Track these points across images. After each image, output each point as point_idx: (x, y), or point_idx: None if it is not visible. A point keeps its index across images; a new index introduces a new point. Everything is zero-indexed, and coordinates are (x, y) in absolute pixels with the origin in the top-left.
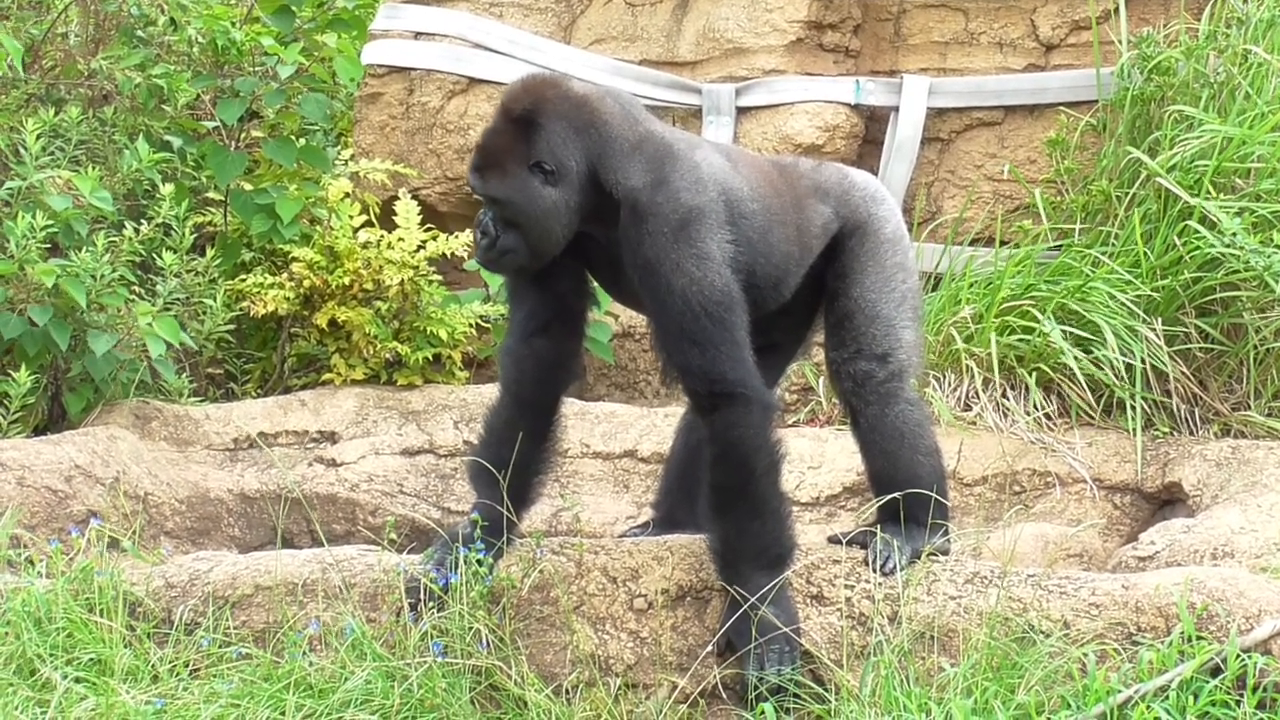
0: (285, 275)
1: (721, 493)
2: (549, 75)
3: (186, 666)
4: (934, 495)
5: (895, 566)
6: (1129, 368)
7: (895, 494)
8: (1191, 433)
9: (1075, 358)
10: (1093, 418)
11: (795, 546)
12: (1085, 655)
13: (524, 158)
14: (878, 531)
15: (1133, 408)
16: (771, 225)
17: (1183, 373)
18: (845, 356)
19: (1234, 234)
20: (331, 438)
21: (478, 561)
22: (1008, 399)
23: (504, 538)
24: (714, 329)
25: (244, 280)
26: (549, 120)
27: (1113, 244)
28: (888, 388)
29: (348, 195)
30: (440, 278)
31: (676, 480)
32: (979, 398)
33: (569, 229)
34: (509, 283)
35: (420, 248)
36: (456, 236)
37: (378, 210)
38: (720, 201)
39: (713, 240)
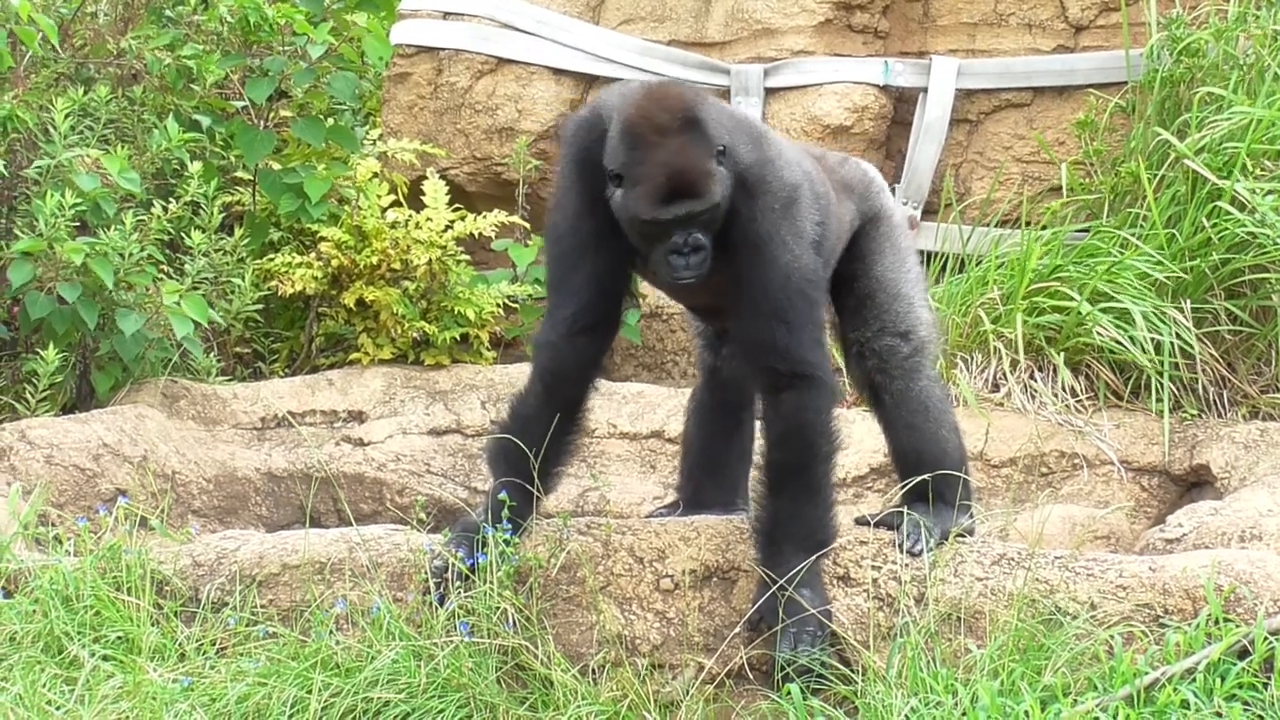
0: (313, 255)
1: (781, 471)
2: (649, 83)
3: (213, 645)
4: (961, 474)
5: (924, 549)
6: (1157, 349)
7: (924, 474)
8: (1219, 415)
9: (1105, 336)
10: (1120, 400)
11: (836, 535)
12: (1112, 637)
13: (710, 151)
14: (905, 513)
15: (1161, 389)
16: (830, 211)
17: (1211, 355)
18: (869, 334)
19: (1263, 215)
20: (359, 417)
21: (505, 541)
22: (1035, 380)
23: (531, 516)
24: (804, 309)
25: (272, 259)
26: (703, 109)
27: (1141, 226)
28: (912, 363)
29: (376, 175)
30: (468, 258)
31: (700, 461)
32: (1007, 379)
33: None
34: (561, 273)
35: (448, 228)
36: (484, 216)
37: (406, 190)
38: (807, 182)
39: (807, 220)
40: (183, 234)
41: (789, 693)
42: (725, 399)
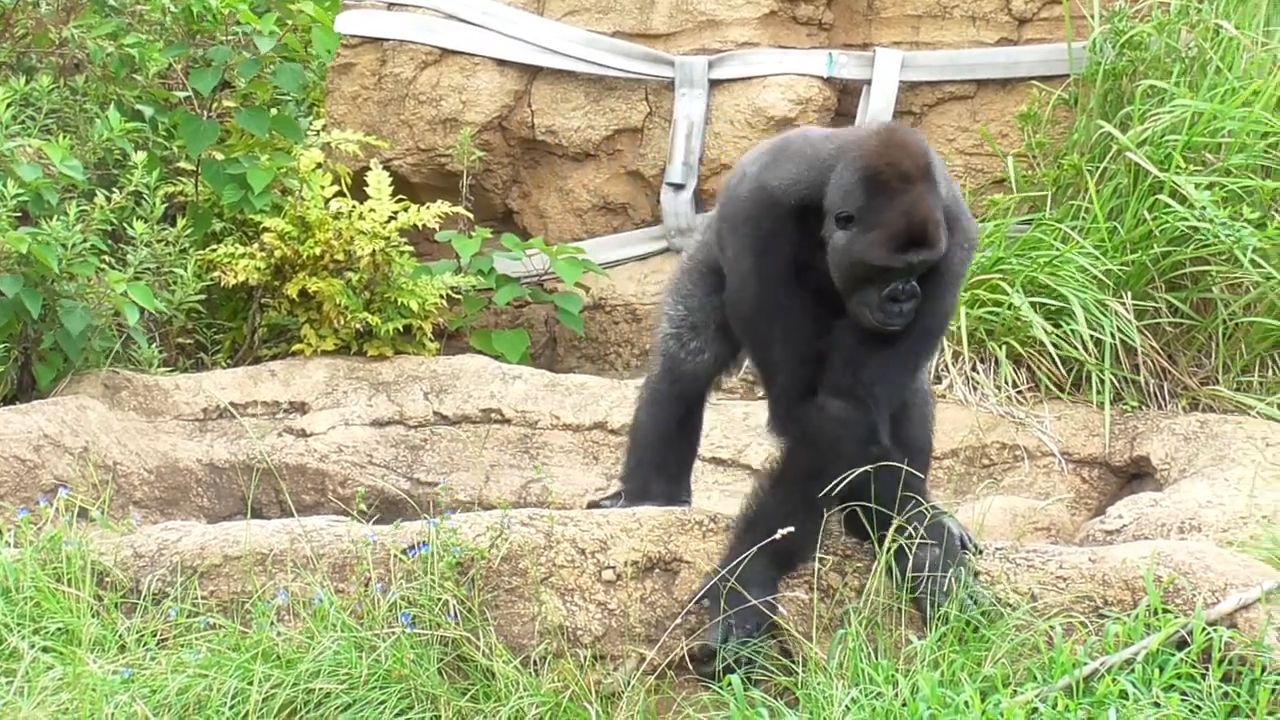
0: (256, 245)
1: (814, 483)
2: (885, 128)
3: (154, 636)
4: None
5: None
6: (1098, 342)
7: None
8: (1160, 407)
9: (1045, 331)
10: (1062, 392)
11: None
12: (1052, 628)
13: (940, 201)
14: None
15: (1101, 382)
16: None
17: (1152, 347)
18: None
19: (1204, 208)
20: (301, 408)
21: (446, 532)
22: (977, 372)
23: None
24: (933, 346)
25: (215, 250)
26: (934, 156)
27: (1083, 218)
28: None
29: (319, 166)
30: (411, 249)
31: (651, 453)
32: (949, 371)
33: None
34: (806, 332)
35: (391, 219)
36: (428, 208)
37: (349, 181)
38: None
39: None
40: (125, 224)
41: (729, 684)
42: (683, 392)
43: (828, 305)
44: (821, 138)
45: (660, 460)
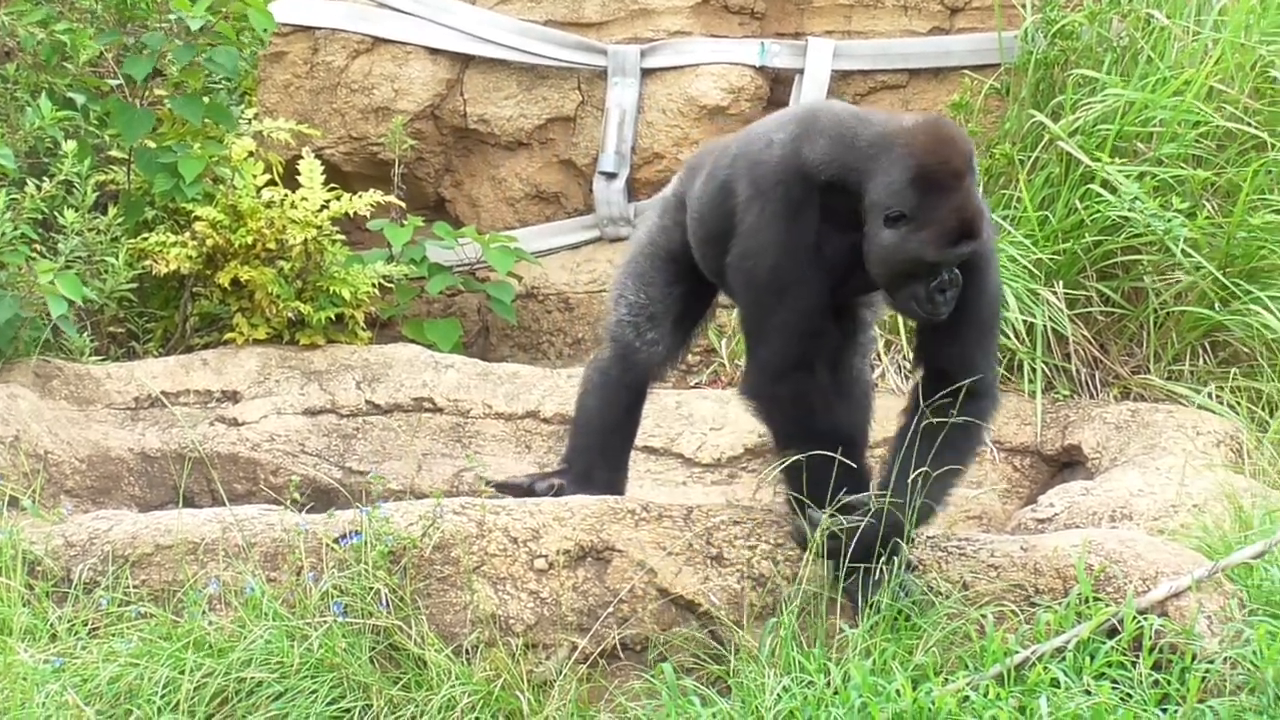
0: (188, 234)
1: (940, 466)
2: (929, 122)
3: (85, 625)
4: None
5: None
6: (1030, 330)
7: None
8: (1091, 396)
9: None
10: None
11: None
12: (984, 616)
13: (980, 188)
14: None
15: (1033, 370)
16: None
17: (1083, 336)
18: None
19: (1135, 198)
20: (233, 397)
21: (379, 521)
22: (909, 361)
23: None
24: (997, 328)
25: (146, 239)
26: (972, 146)
27: (1015, 207)
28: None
29: (251, 154)
30: (343, 237)
31: (598, 439)
32: (881, 360)
33: None
34: (810, 306)
35: (323, 207)
36: (360, 196)
37: (281, 170)
38: None
39: None
40: (56, 213)
41: (661, 672)
42: (634, 381)
43: (833, 285)
44: (852, 118)
45: (605, 447)
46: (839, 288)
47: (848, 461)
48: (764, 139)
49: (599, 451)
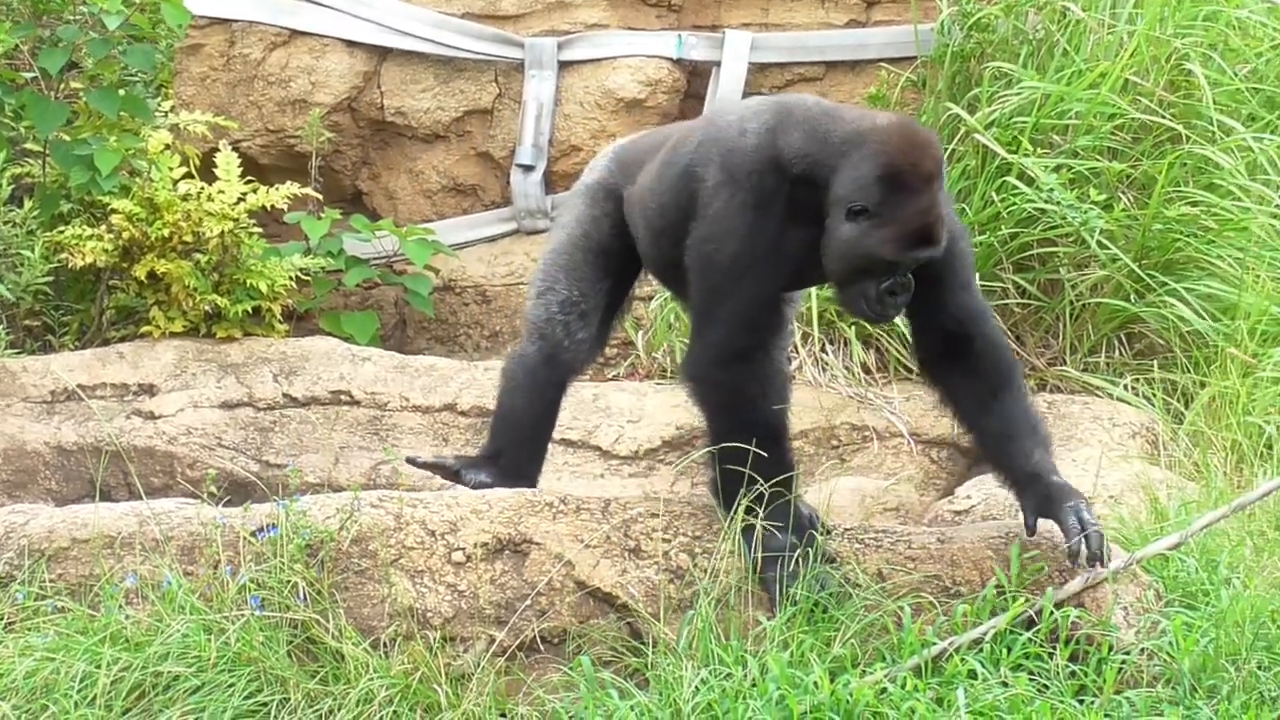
0: (104, 227)
1: (1002, 378)
2: (902, 123)
3: (1, 620)
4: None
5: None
6: None
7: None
8: None
9: None
10: (910, 373)
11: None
12: (901, 608)
13: (946, 197)
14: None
15: None
16: None
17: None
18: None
19: (1051, 190)
20: (150, 390)
21: (296, 514)
22: (827, 353)
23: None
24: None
25: (62, 232)
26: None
27: None
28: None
29: (168, 147)
30: (260, 230)
31: (528, 435)
32: (798, 352)
33: None
34: (764, 296)
35: (240, 200)
36: (277, 189)
37: (198, 163)
38: None
39: None
40: None
41: (580, 665)
42: (561, 378)
43: (789, 278)
44: (824, 114)
45: (533, 443)
46: (792, 282)
47: (781, 453)
48: (736, 127)
49: (527, 449)
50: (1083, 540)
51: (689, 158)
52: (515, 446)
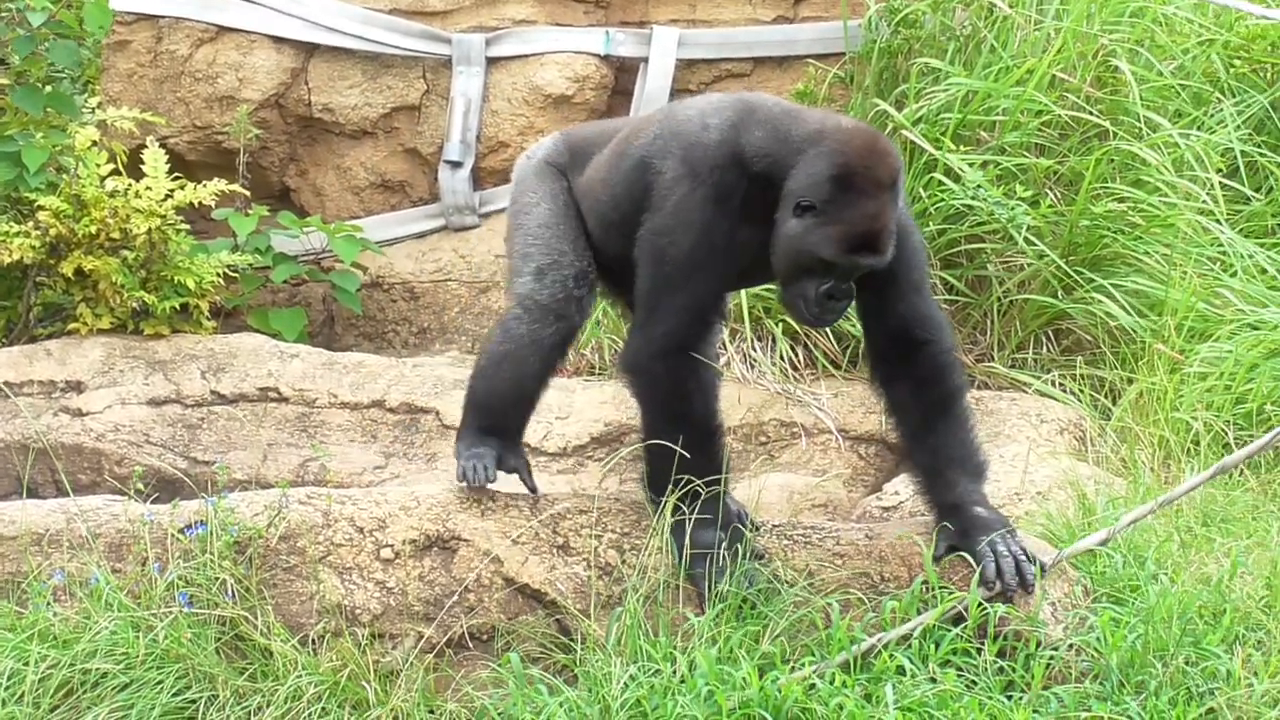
0: (31, 224)
1: (945, 401)
2: (866, 129)
3: None
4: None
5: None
6: None
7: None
8: None
9: None
10: (838, 369)
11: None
12: (829, 604)
13: (897, 213)
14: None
15: None
16: None
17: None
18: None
19: (978, 186)
20: (77, 387)
21: (224, 511)
22: (755, 350)
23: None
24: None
25: None
26: (902, 169)
27: None
28: None
29: (95, 144)
30: (188, 227)
31: (531, 408)
32: (726, 348)
33: None
34: (713, 292)
35: (168, 197)
36: (205, 185)
37: (125, 159)
38: None
39: None
40: None
41: (508, 661)
42: (563, 340)
43: (737, 275)
44: (785, 114)
45: (521, 421)
46: (741, 279)
47: (714, 449)
48: (698, 122)
49: (525, 420)
50: (994, 568)
51: (645, 150)
52: (521, 423)
